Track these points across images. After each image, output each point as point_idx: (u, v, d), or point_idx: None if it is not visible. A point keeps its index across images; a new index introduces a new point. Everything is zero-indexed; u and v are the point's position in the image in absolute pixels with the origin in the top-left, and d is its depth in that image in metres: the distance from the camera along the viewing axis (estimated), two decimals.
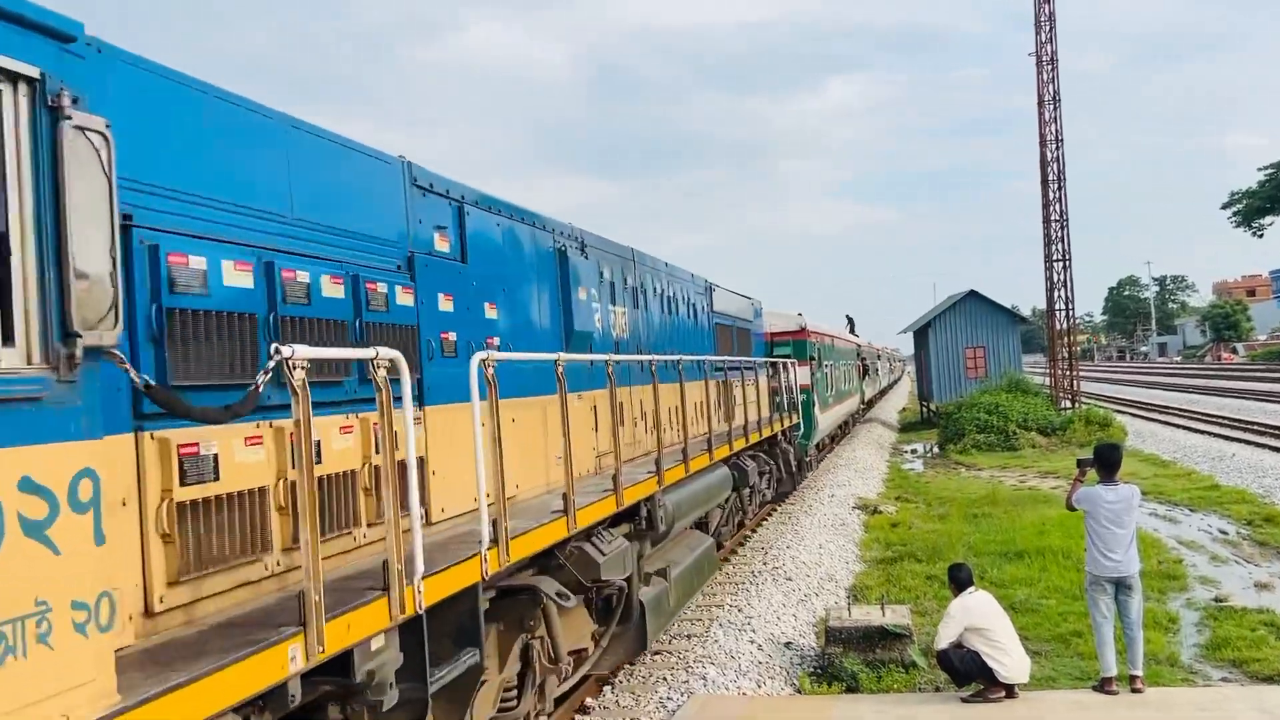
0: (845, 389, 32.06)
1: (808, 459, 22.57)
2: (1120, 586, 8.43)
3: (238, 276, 4.37)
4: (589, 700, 8.97)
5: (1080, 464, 9.13)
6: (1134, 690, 8.31)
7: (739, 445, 13.76)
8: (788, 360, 19.47)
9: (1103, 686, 8.38)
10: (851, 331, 46.50)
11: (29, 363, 2.86)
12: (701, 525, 12.53)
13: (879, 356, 59.94)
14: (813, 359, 22.66)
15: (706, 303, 15.31)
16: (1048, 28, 32.04)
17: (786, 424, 18.50)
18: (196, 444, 3.98)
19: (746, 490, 14.96)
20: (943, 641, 8.50)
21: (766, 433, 16.45)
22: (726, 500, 13.59)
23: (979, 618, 8.44)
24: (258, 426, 4.33)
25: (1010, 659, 8.30)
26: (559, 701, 8.22)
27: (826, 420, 25.29)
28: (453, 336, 6.40)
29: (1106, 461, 8.70)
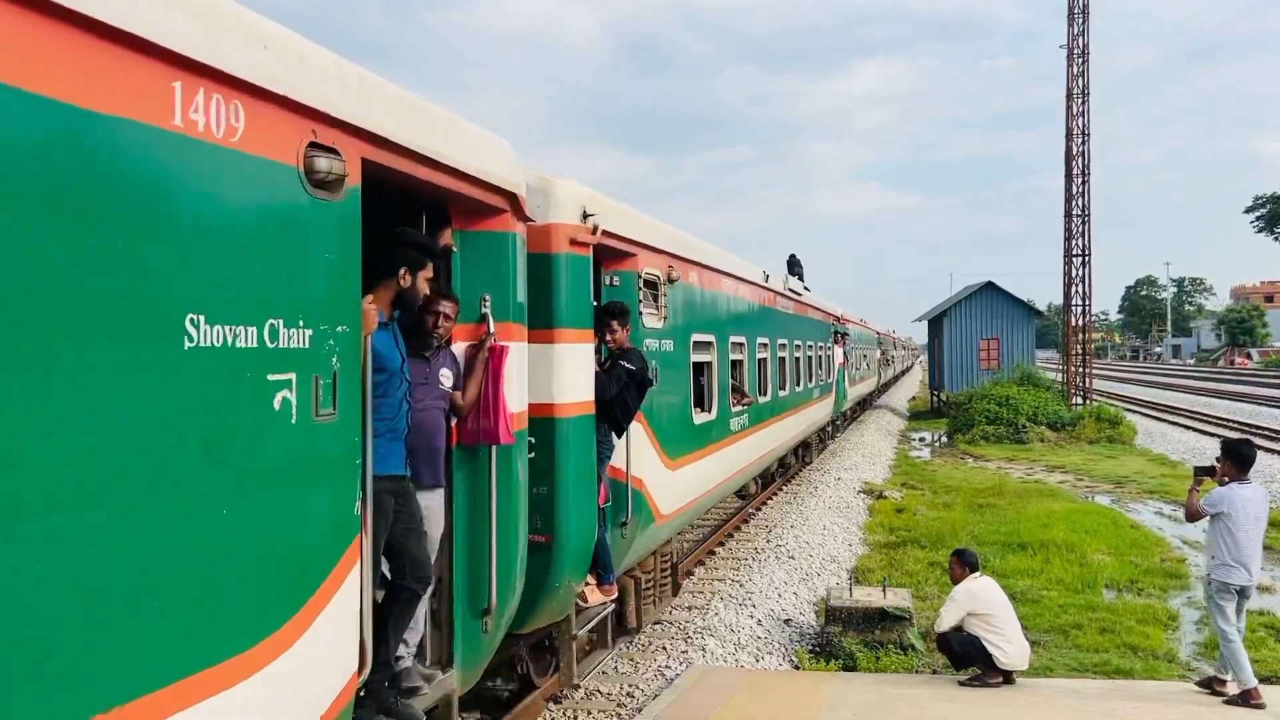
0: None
1: None
2: (1241, 595, 7.92)
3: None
4: None
5: (1198, 472, 8.33)
6: (1216, 693, 7.94)
7: None
8: None
9: (1247, 700, 7.66)
10: (796, 275, 20.71)
11: None
12: None
13: (844, 333, 27.68)
14: None
15: None
16: (1080, 20, 31.69)
17: None
18: None
19: None
20: (944, 624, 8.54)
21: None
22: None
23: (983, 603, 8.47)
24: None
25: (1011, 646, 8.33)
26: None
27: None
28: None
29: (1242, 457, 7.97)
